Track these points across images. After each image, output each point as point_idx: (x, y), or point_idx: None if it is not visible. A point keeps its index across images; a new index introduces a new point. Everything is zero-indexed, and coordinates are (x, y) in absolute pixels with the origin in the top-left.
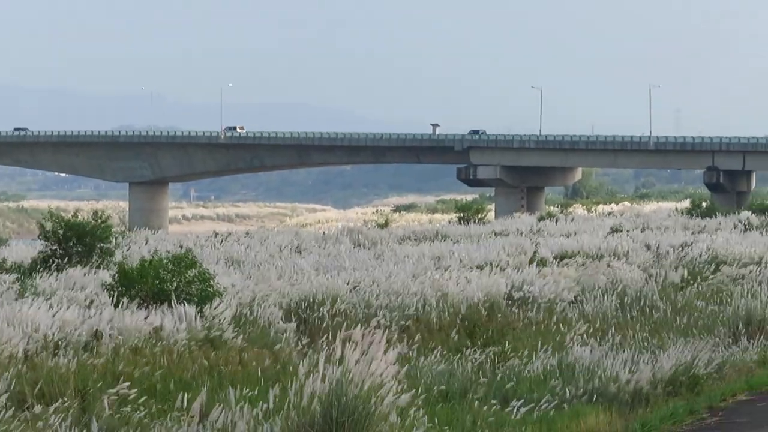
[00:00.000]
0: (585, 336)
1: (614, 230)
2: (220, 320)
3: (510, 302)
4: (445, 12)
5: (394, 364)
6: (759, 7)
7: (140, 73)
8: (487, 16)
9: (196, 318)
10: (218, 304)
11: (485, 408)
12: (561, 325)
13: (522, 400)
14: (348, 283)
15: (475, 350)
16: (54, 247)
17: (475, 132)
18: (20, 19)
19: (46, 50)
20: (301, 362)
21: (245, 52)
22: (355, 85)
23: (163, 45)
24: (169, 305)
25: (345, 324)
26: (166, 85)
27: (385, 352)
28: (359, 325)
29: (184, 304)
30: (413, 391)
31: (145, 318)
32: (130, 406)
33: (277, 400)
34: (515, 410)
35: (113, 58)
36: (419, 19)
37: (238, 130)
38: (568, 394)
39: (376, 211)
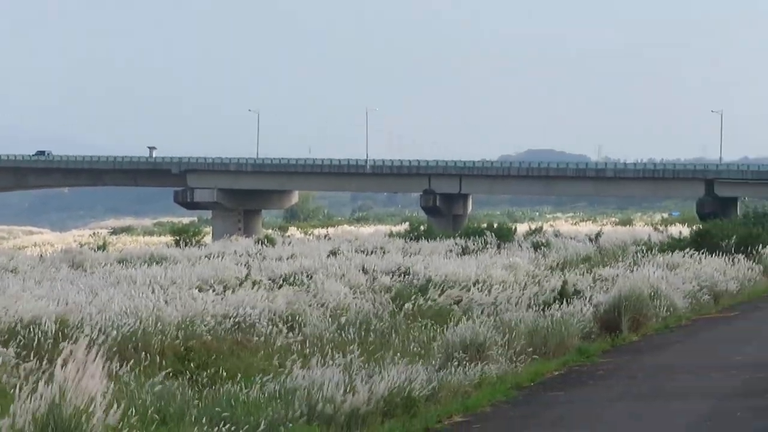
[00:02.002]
0: (305, 358)
1: (333, 253)
2: None
3: (228, 325)
4: (159, 32)
5: (106, 382)
6: (473, 34)
7: None
8: (206, 37)
9: None
10: None
11: (204, 431)
12: (280, 347)
13: (237, 424)
14: (66, 305)
15: (192, 373)
16: None
17: (41, 152)
18: None
19: None
20: (18, 384)
21: None
22: (72, 108)
23: None
24: None
25: (60, 345)
26: None
27: (101, 373)
28: (75, 345)
29: None
30: (127, 410)
31: None
32: None
33: None
34: None
35: None
36: (135, 38)
37: None
38: (286, 417)
39: (94, 233)
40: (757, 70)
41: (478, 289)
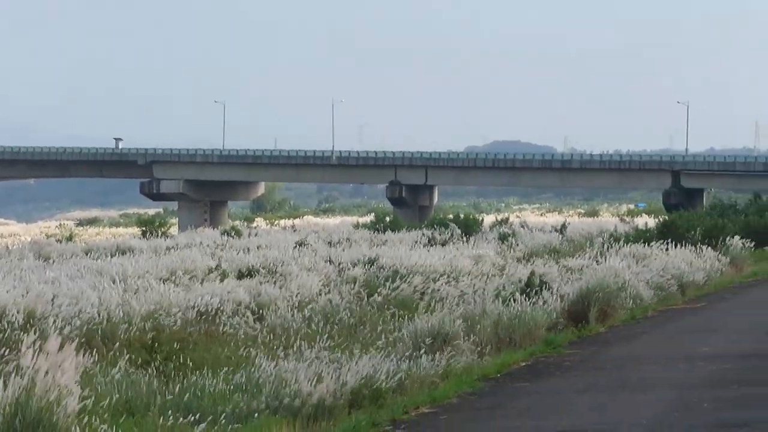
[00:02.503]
0: (271, 349)
1: (300, 244)
2: None
3: (195, 315)
4: (127, 26)
5: (75, 373)
6: (438, 25)
7: None
8: (169, 30)
9: None
10: None
11: (170, 421)
12: (246, 338)
13: (203, 414)
14: (33, 296)
15: (159, 364)
16: None
17: None
18: None
19: None
20: None
21: None
22: (38, 99)
23: None
24: None
25: (26, 335)
26: None
27: (73, 366)
28: (44, 336)
29: None
30: (93, 401)
31: None
32: None
33: None
34: (197, 424)
35: None
36: (102, 32)
37: None
38: (252, 408)
39: (60, 225)
40: (725, 62)
41: (444, 280)
